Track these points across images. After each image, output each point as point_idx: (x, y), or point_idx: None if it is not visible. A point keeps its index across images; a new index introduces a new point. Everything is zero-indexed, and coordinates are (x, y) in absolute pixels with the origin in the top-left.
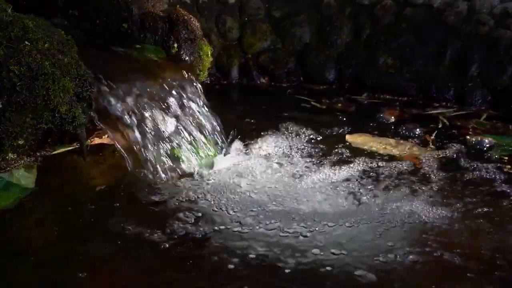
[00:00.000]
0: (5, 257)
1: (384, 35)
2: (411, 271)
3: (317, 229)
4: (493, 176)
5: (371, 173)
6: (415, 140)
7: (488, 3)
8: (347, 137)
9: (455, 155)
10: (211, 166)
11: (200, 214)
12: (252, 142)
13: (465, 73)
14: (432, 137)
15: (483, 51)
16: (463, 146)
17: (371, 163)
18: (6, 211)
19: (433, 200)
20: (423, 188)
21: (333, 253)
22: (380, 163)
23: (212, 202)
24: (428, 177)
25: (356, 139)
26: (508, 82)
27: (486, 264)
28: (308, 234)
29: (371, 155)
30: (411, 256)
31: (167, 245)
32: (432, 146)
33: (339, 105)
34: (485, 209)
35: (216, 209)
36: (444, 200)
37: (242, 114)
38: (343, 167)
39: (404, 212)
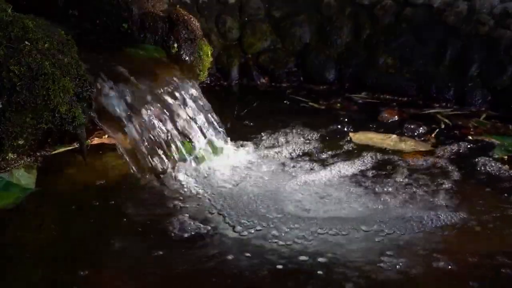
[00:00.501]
0: (5, 257)
1: (384, 35)
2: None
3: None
4: (498, 176)
5: (379, 170)
6: (416, 139)
7: (488, 3)
8: (351, 134)
9: (457, 155)
10: (212, 164)
11: (202, 216)
12: (253, 142)
13: (465, 73)
14: (433, 136)
15: (483, 51)
16: (464, 146)
17: (377, 160)
18: (6, 211)
19: (440, 201)
20: (428, 187)
21: None
22: (385, 160)
23: (215, 204)
24: (433, 176)
25: (360, 137)
26: (508, 82)
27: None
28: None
29: (377, 152)
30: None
31: (167, 245)
32: (433, 144)
33: (338, 105)
34: (492, 211)
35: (219, 210)
36: (452, 201)
37: (243, 114)
38: (349, 164)
39: (408, 214)
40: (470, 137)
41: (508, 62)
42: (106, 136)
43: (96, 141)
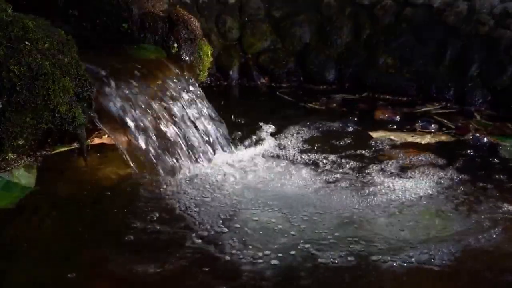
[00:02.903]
0: (5, 257)
1: (384, 35)
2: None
3: None
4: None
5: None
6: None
7: (488, 3)
8: (370, 133)
9: (464, 154)
10: (213, 165)
11: (206, 219)
12: (255, 142)
13: (465, 73)
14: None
15: (483, 51)
16: (471, 146)
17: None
18: (6, 211)
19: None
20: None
21: None
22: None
23: (219, 205)
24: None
25: (379, 135)
26: (508, 82)
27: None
28: None
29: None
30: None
31: (167, 246)
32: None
33: (334, 105)
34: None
35: (223, 212)
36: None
37: (243, 114)
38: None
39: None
40: (477, 137)
41: (508, 62)
42: (106, 136)
43: (96, 141)
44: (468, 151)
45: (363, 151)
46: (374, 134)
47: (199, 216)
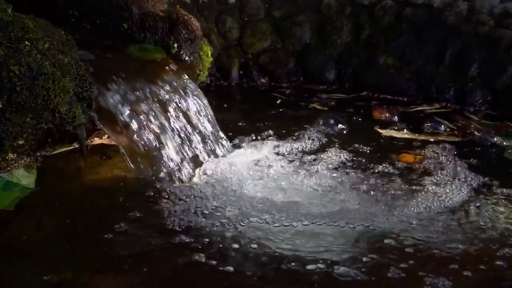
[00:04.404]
0: (5, 257)
1: (384, 35)
2: None
3: None
4: None
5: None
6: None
7: (488, 3)
8: (381, 131)
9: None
10: (212, 165)
11: (206, 220)
12: (252, 141)
13: (465, 73)
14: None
15: (483, 51)
16: (479, 145)
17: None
18: (6, 211)
19: None
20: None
21: None
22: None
23: (221, 204)
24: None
25: (389, 133)
26: (508, 82)
27: None
28: None
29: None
30: None
31: (167, 247)
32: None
33: (333, 103)
34: None
35: (227, 213)
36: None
37: (243, 114)
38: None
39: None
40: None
41: (508, 62)
42: (106, 136)
43: (96, 141)
44: (479, 150)
45: (379, 151)
46: (385, 133)
47: (198, 214)
